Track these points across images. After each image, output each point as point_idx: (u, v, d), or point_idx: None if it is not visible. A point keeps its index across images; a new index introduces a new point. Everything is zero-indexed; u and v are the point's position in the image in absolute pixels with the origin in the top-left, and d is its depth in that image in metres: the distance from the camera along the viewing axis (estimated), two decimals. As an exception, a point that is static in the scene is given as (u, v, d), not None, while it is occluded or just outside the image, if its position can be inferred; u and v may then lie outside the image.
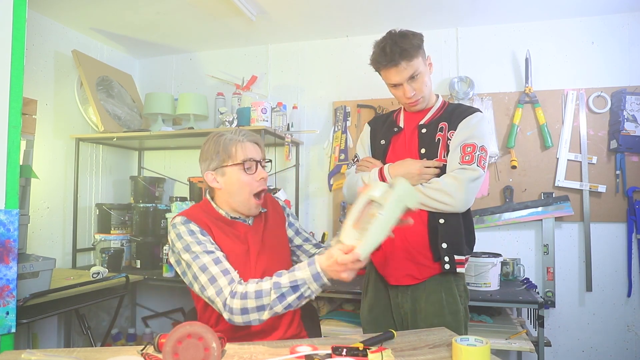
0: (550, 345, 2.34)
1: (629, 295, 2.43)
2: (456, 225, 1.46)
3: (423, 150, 1.49)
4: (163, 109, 2.91)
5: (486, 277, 2.16)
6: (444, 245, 1.44)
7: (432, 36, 2.75)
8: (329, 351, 1.01)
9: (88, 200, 2.88)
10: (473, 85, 2.63)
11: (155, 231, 2.75)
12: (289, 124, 2.79)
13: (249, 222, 1.36)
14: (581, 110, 2.51)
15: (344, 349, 1.01)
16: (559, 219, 2.53)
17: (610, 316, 2.47)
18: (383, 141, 1.57)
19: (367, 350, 1.01)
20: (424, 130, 1.51)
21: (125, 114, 2.94)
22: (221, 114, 2.75)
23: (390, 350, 1.03)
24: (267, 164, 1.37)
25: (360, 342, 1.08)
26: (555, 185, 2.52)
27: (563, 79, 2.57)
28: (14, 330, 1.54)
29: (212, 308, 1.25)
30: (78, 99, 2.78)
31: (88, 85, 2.69)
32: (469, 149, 1.41)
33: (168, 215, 2.66)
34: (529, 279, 2.39)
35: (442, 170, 1.46)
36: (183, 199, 2.82)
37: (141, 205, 2.79)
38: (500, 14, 2.54)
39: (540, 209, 2.53)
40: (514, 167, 2.55)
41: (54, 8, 2.48)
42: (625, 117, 2.42)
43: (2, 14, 1.53)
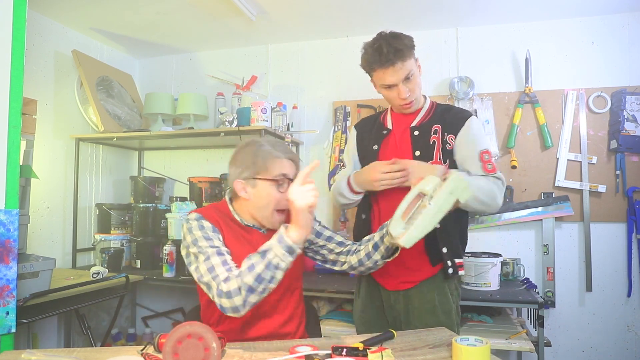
0: (550, 345, 2.34)
1: (629, 295, 2.43)
2: (453, 230, 1.48)
3: (417, 152, 1.48)
4: (163, 109, 2.91)
5: (486, 277, 2.16)
6: (445, 249, 1.45)
7: (432, 36, 2.75)
8: (329, 351, 1.02)
9: (88, 200, 2.88)
10: (473, 85, 2.63)
11: (155, 231, 2.75)
12: (289, 124, 2.79)
13: (263, 231, 1.34)
14: (581, 110, 2.51)
15: (344, 349, 1.01)
16: (559, 219, 2.52)
17: (610, 316, 2.47)
18: (375, 146, 1.56)
19: (367, 350, 1.01)
20: (416, 133, 1.51)
21: (125, 114, 2.94)
22: (221, 114, 2.75)
23: (390, 350, 1.03)
24: None
25: (360, 342, 1.08)
26: (555, 185, 2.52)
27: (563, 79, 2.57)
28: (14, 330, 1.54)
29: (214, 306, 1.24)
30: (78, 99, 2.78)
31: (88, 85, 2.69)
32: (486, 157, 1.46)
33: (168, 215, 2.65)
34: (529, 279, 2.39)
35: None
36: (183, 199, 2.81)
37: (141, 205, 2.79)
38: (500, 14, 2.54)
39: (540, 209, 2.53)
40: (514, 167, 2.55)
41: (54, 8, 2.48)
42: (625, 117, 2.42)
43: (2, 14, 1.53)
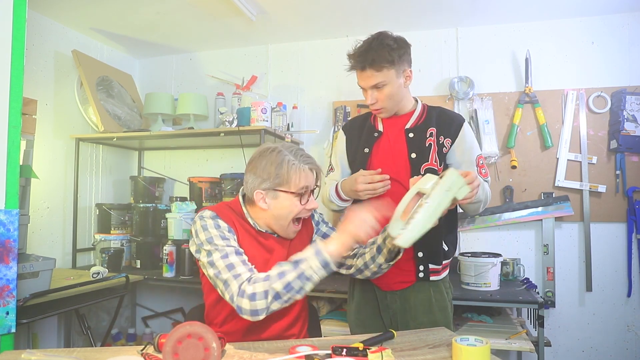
0: (550, 345, 2.34)
1: (629, 295, 2.43)
2: (435, 235, 1.42)
3: (414, 155, 1.48)
4: (163, 109, 2.91)
5: (486, 277, 2.16)
6: (420, 254, 1.46)
7: (432, 36, 2.75)
8: (329, 351, 1.02)
9: (88, 200, 2.88)
10: (473, 85, 2.63)
11: (155, 231, 2.75)
12: (289, 124, 2.79)
13: (277, 235, 1.32)
14: (581, 110, 2.51)
15: (344, 349, 1.01)
16: (559, 219, 2.53)
17: (610, 316, 2.47)
18: (367, 149, 1.54)
19: (367, 350, 1.01)
20: (411, 135, 1.50)
21: (125, 114, 2.94)
22: (221, 114, 2.75)
23: (390, 350, 1.03)
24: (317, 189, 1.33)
25: (360, 342, 1.08)
26: (555, 185, 2.52)
27: (563, 79, 2.57)
28: (14, 330, 1.54)
29: (221, 306, 1.24)
30: (78, 99, 2.78)
31: (88, 85, 2.69)
32: (481, 162, 1.52)
33: (168, 215, 2.66)
34: (529, 279, 2.39)
35: (434, 174, 1.43)
36: (183, 199, 2.82)
37: (141, 205, 2.79)
38: (500, 14, 2.54)
39: (540, 209, 2.53)
40: (514, 167, 2.55)
41: (54, 8, 2.48)
42: (625, 117, 2.42)
43: (2, 14, 1.53)
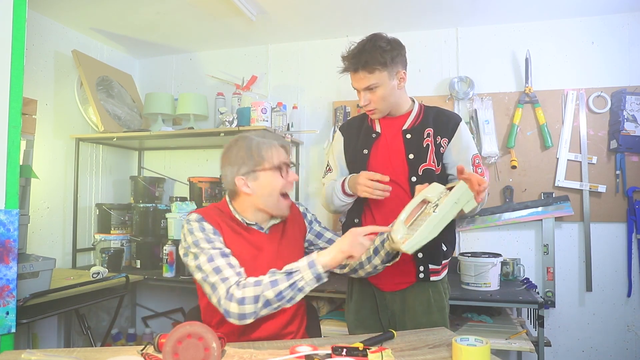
0: (550, 345, 2.34)
1: (629, 295, 2.43)
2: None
3: (411, 156, 1.48)
4: (163, 109, 2.91)
5: (486, 277, 2.16)
6: (420, 255, 1.46)
7: (432, 36, 2.75)
8: (329, 351, 1.02)
9: (88, 200, 2.87)
10: (473, 85, 2.63)
11: (155, 231, 2.75)
12: (289, 124, 2.79)
13: (265, 231, 1.33)
14: (581, 110, 2.51)
15: (344, 349, 1.01)
16: (559, 219, 2.52)
17: (610, 316, 2.47)
18: (365, 150, 1.54)
19: (367, 350, 1.01)
20: (409, 136, 1.50)
21: (125, 114, 2.94)
22: (221, 114, 2.75)
23: (390, 350, 1.03)
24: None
25: (360, 342, 1.08)
26: (555, 185, 2.52)
27: (563, 79, 2.57)
28: (14, 330, 1.54)
29: (215, 308, 1.24)
30: (78, 99, 2.78)
31: (88, 85, 2.69)
32: (477, 161, 1.51)
33: (168, 215, 2.65)
34: (529, 279, 2.39)
35: (432, 174, 1.45)
36: (183, 199, 2.81)
37: (141, 205, 2.79)
38: (500, 14, 2.54)
39: (540, 209, 2.53)
40: (514, 167, 2.55)
41: (54, 8, 2.48)
42: (625, 117, 2.42)
43: (2, 14, 1.53)
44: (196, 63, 3.21)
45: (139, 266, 2.70)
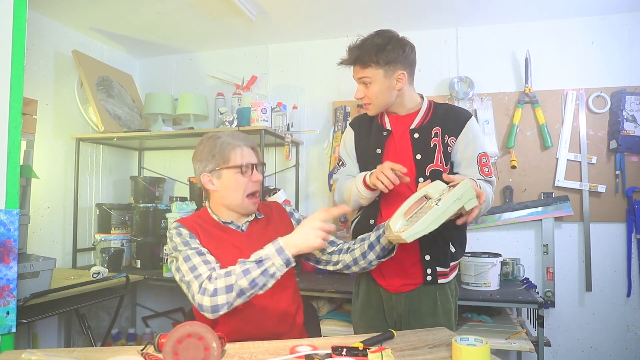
0: (550, 345, 2.34)
1: (629, 295, 2.44)
2: (441, 237, 1.42)
3: (419, 156, 1.45)
4: (163, 109, 2.91)
5: (486, 277, 2.16)
6: (427, 257, 1.45)
7: (432, 36, 2.75)
8: (329, 351, 1.02)
9: (88, 200, 2.88)
10: (473, 85, 2.63)
11: (155, 231, 2.75)
12: (289, 124, 2.79)
13: (243, 229, 1.37)
14: (581, 110, 2.51)
15: (344, 349, 1.01)
16: (558, 219, 2.53)
17: (610, 316, 2.47)
18: (379, 150, 1.51)
19: (367, 350, 1.01)
20: (416, 135, 1.47)
21: (126, 114, 2.94)
22: (221, 114, 2.75)
23: (390, 350, 1.03)
24: (262, 167, 1.40)
25: (360, 342, 1.08)
26: (555, 185, 2.52)
27: (563, 79, 2.57)
28: (14, 330, 1.54)
29: None
30: (78, 99, 2.78)
31: (88, 85, 2.69)
32: (484, 160, 1.47)
33: (168, 215, 2.65)
34: (528, 279, 2.39)
35: (439, 175, 1.41)
36: (183, 199, 2.82)
37: (141, 205, 2.79)
38: (500, 14, 2.54)
39: (540, 209, 2.53)
40: (513, 167, 2.55)
41: (54, 8, 2.48)
42: (625, 117, 2.42)
43: (2, 14, 1.53)
44: (196, 63, 3.21)
45: (139, 266, 2.70)
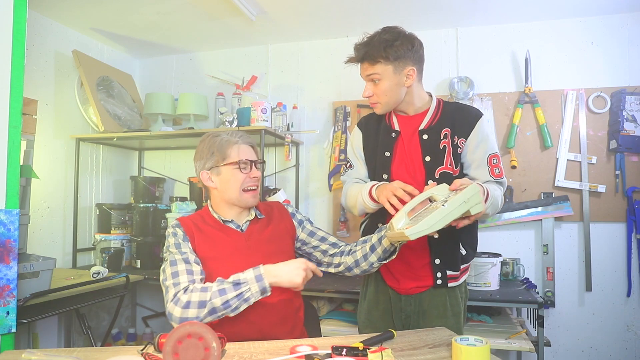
0: (550, 345, 2.34)
1: (629, 295, 2.44)
2: (451, 240, 1.42)
3: (428, 158, 1.43)
4: (163, 109, 2.91)
5: (486, 277, 2.16)
6: (437, 261, 1.44)
7: (432, 36, 2.75)
8: (329, 351, 1.02)
9: (88, 200, 2.88)
10: (473, 85, 2.63)
11: (155, 231, 2.75)
12: (289, 124, 2.79)
13: (242, 229, 1.37)
14: (581, 110, 2.51)
15: (344, 349, 1.01)
16: (558, 219, 2.53)
17: (610, 316, 2.47)
18: (388, 153, 1.48)
19: (367, 350, 1.01)
20: (425, 137, 1.44)
21: (126, 114, 2.94)
22: (221, 114, 2.75)
23: (390, 350, 1.03)
24: (262, 164, 1.41)
25: (360, 342, 1.08)
26: (555, 185, 2.52)
27: (563, 79, 2.57)
28: (14, 330, 1.54)
29: None
30: (78, 99, 2.78)
31: (88, 85, 2.69)
32: (495, 161, 1.44)
33: (168, 215, 2.66)
34: (528, 278, 2.39)
35: (449, 177, 1.40)
36: (183, 199, 2.82)
37: (141, 205, 2.79)
38: (500, 14, 2.54)
39: (540, 209, 2.53)
40: (513, 167, 2.55)
41: (54, 8, 2.48)
42: (625, 117, 2.42)
43: (2, 14, 1.53)
44: (196, 63, 3.21)
45: (139, 266, 2.70)
